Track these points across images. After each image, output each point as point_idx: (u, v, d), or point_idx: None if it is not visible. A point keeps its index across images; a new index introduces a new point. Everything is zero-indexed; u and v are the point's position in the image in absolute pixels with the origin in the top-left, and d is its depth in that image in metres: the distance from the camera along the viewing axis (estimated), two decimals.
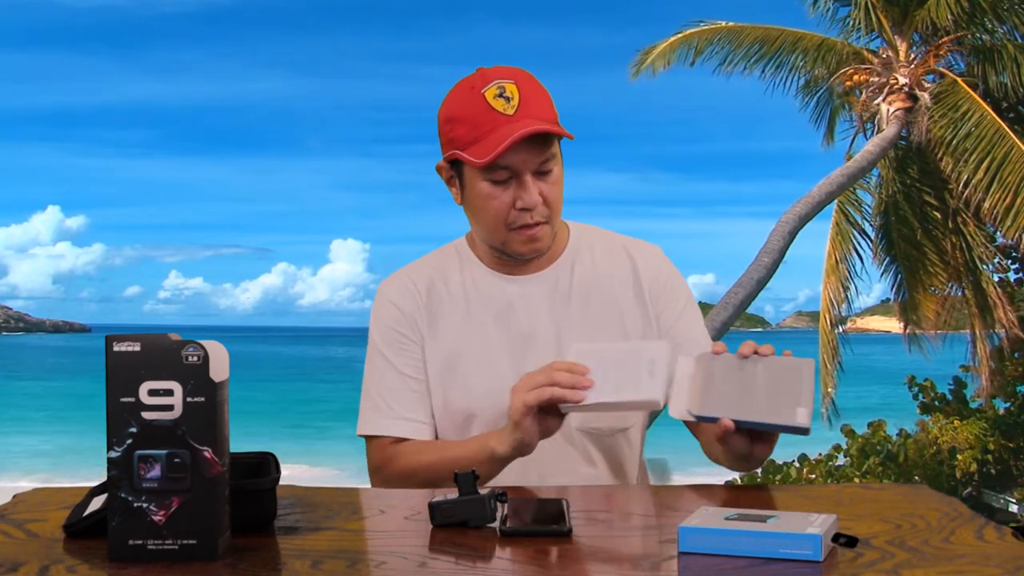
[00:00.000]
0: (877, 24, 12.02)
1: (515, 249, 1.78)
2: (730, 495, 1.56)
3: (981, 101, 11.37)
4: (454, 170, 1.79)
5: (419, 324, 1.84)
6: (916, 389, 14.43)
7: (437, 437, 1.83)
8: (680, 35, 12.69)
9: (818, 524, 1.16)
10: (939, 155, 11.66)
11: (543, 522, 1.30)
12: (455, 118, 1.74)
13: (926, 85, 11.89)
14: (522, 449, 1.59)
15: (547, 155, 1.71)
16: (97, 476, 1.39)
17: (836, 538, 1.18)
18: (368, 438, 1.84)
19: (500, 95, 1.69)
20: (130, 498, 1.16)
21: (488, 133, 1.68)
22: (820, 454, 13.56)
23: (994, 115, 11.24)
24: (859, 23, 12.05)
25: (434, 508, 1.31)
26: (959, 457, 13.55)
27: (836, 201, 12.17)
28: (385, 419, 1.82)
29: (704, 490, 1.56)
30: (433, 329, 1.83)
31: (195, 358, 1.16)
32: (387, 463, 1.80)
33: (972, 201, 11.35)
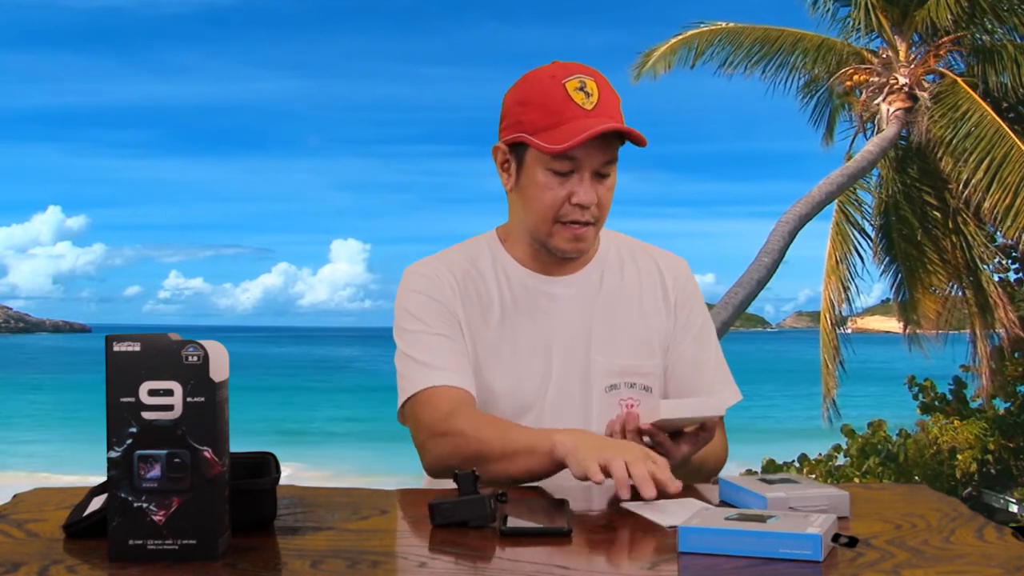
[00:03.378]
0: (877, 24, 12.02)
1: (558, 245, 1.77)
2: None
3: (981, 101, 11.37)
4: (512, 154, 1.76)
5: (454, 304, 1.80)
6: (916, 389, 14.42)
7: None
8: (680, 36, 12.69)
9: (818, 524, 1.17)
10: (939, 155, 11.66)
11: (543, 522, 1.30)
12: (530, 102, 1.72)
13: (926, 85, 11.89)
14: None
15: (611, 157, 1.71)
16: (97, 476, 1.39)
17: (836, 538, 1.18)
18: (417, 399, 1.72)
19: (581, 88, 1.69)
20: (130, 498, 1.16)
21: (564, 122, 1.67)
22: (820, 454, 13.57)
23: (994, 115, 11.23)
24: (859, 23, 12.04)
25: (434, 508, 1.31)
26: (959, 457, 13.54)
27: (836, 201, 12.17)
28: (432, 370, 1.72)
29: (704, 490, 1.56)
30: (468, 317, 1.80)
31: (195, 358, 1.16)
32: (445, 419, 1.66)
33: (972, 201, 11.35)
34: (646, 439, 1.57)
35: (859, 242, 12.85)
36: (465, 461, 1.55)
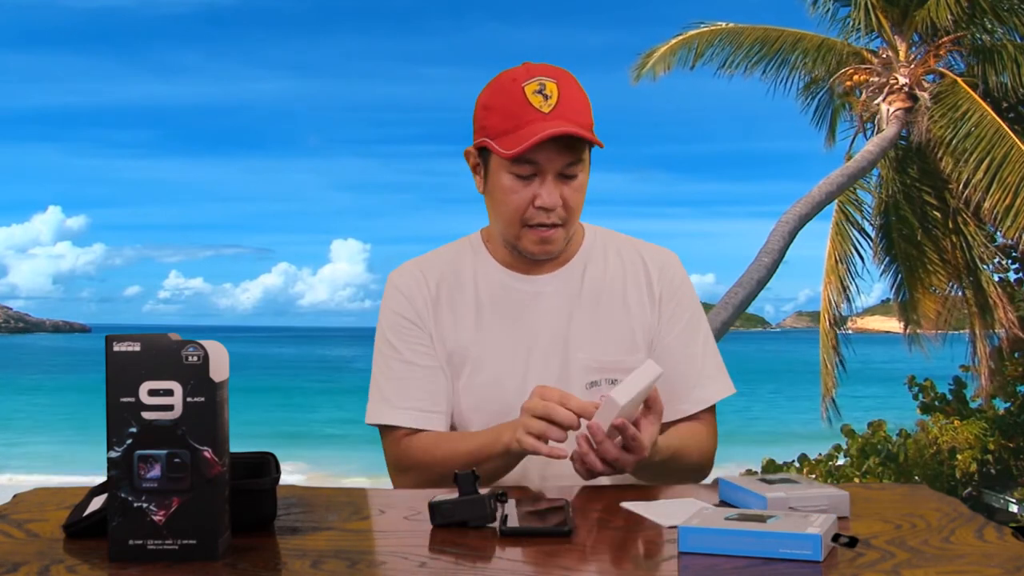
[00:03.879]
0: (877, 24, 12.02)
1: (526, 247, 1.78)
2: None
3: (981, 101, 11.37)
4: (480, 158, 1.78)
5: (426, 315, 1.83)
6: (916, 389, 14.43)
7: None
8: (680, 37, 12.69)
9: (818, 524, 1.17)
10: (939, 155, 11.66)
11: (543, 522, 1.30)
12: (491, 106, 1.73)
13: (926, 85, 11.89)
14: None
15: (574, 159, 1.71)
16: (97, 476, 1.39)
17: (836, 538, 1.18)
18: (381, 430, 1.83)
19: (539, 91, 1.69)
20: (130, 498, 1.16)
21: (520, 127, 1.67)
22: (820, 454, 13.57)
23: (994, 115, 11.23)
24: (859, 23, 12.04)
25: (434, 508, 1.31)
26: (959, 457, 13.54)
27: (836, 201, 12.17)
28: (393, 410, 1.80)
29: (704, 490, 1.56)
30: (440, 324, 1.83)
31: (195, 358, 1.16)
32: (402, 456, 1.79)
33: (972, 201, 11.35)
34: (617, 439, 1.56)
35: (859, 242, 12.86)
36: (433, 484, 1.63)
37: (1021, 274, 13.92)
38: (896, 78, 11.98)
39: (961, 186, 11.36)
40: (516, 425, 1.60)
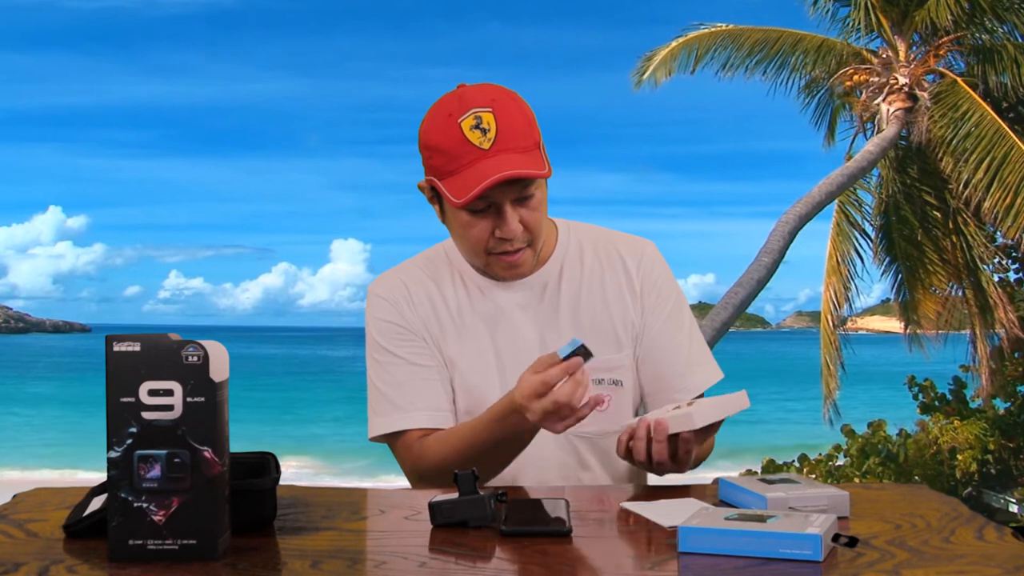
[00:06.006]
0: (877, 24, 12.03)
1: (496, 272, 1.79)
2: None
3: (981, 101, 11.37)
4: (433, 192, 1.77)
5: (414, 321, 1.83)
6: (916, 389, 14.43)
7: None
8: (681, 40, 12.69)
9: (818, 524, 1.17)
10: (939, 155, 11.66)
11: (543, 522, 1.30)
12: (432, 147, 1.71)
13: (926, 85, 11.89)
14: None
15: (525, 184, 1.69)
16: (97, 476, 1.40)
17: (836, 538, 1.18)
18: (391, 438, 1.80)
19: (476, 126, 1.65)
20: (130, 498, 1.16)
21: (464, 167, 1.65)
22: (820, 454, 13.58)
23: (994, 115, 11.24)
24: (859, 23, 12.05)
25: (434, 508, 1.31)
26: (959, 457, 13.55)
27: (836, 201, 12.17)
28: (405, 414, 1.78)
29: (703, 490, 1.56)
30: (427, 331, 1.83)
31: (195, 358, 1.16)
32: (419, 460, 1.75)
33: (972, 201, 11.36)
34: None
35: (859, 242, 12.86)
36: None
37: (1021, 274, 13.92)
38: (896, 78, 11.98)
39: (961, 186, 11.36)
40: (531, 412, 1.53)
